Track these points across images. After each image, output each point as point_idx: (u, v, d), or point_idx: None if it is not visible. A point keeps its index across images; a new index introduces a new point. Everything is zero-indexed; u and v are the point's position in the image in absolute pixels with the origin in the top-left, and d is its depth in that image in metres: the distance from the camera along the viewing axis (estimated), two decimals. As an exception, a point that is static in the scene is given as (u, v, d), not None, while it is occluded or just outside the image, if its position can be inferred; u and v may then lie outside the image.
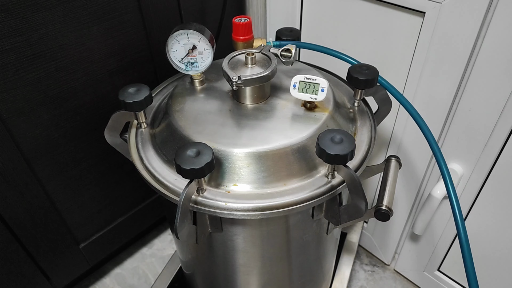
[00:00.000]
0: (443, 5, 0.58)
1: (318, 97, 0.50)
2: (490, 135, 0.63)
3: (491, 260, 0.76)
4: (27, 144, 0.57)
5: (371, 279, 1.00)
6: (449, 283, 0.88)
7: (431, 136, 0.53)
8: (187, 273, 0.77)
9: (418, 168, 0.78)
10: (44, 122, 0.58)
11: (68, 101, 0.59)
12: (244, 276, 0.61)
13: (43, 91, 0.56)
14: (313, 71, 0.62)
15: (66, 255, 0.72)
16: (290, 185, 0.48)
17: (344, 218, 0.50)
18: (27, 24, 0.50)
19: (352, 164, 0.51)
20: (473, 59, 0.60)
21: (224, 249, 0.57)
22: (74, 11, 0.55)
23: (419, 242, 0.89)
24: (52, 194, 0.64)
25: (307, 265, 0.65)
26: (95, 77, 0.62)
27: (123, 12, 0.61)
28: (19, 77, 0.52)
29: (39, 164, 0.60)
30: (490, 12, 0.54)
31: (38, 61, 0.53)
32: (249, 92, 0.53)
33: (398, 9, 0.65)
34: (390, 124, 0.78)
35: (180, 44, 0.54)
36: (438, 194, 0.71)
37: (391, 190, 0.53)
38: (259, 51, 0.54)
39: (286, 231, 0.55)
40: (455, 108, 0.66)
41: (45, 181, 0.62)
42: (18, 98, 0.53)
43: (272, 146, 0.48)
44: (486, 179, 0.68)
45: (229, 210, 0.46)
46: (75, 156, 0.65)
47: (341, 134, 0.44)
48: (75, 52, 0.57)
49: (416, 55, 0.66)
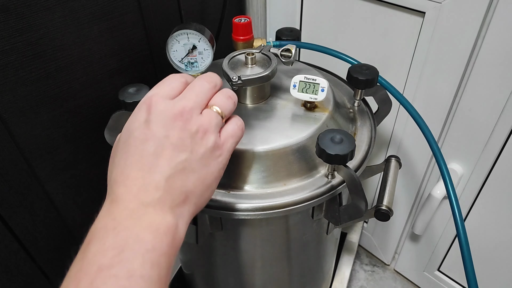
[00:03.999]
0: (443, 5, 0.58)
1: (318, 97, 0.50)
2: (490, 135, 0.63)
3: (491, 260, 0.76)
4: (27, 144, 0.57)
5: (371, 279, 1.00)
6: (449, 283, 0.88)
7: (431, 136, 0.53)
8: (187, 273, 0.77)
9: (418, 168, 0.78)
10: (44, 122, 0.58)
11: (68, 101, 0.59)
12: (244, 276, 0.61)
13: (43, 91, 0.56)
14: (313, 71, 0.62)
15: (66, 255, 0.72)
16: (290, 185, 0.48)
17: (344, 218, 0.50)
18: (27, 24, 0.50)
19: (352, 164, 0.51)
20: (473, 59, 0.60)
21: (224, 249, 0.57)
22: (74, 11, 0.54)
23: (419, 242, 0.89)
24: (52, 194, 0.64)
25: (307, 265, 0.65)
26: (95, 77, 0.62)
27: (123, 12, 0.61)
28: (19, 77, 0.52)
29: (39, 164, 0.60)
30: (490, 12, 0.54)
31: (38, 61, 0.53)
32: (249, 92, 0.53)
33: (398, 9, 0.65)
34: (390, 124, 0.78)
35: (180, 44, 0.54)
36: (438, 194, 0.71)
37: (391, 190, 0.53)
38: (259, 51, 0.54)
39: (286, 231, 0.55)
40: (455, 108, 0.66)
41: (45, 181, 0.62)
42: (18, 98, 0.53)
43: (272, 146, 0.48)
44: (486, 179, 0.68)
45: (229, 210, 0.46)
46: (75, 156, 0.65)
47: (341, 134, 0.44)
48: (75, 52, 0.57)
49: (416, 55, 0.66)
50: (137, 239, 0.28)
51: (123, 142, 0.34)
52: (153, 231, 0.29)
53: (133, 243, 0.28)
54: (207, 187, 0.35)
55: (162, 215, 0.31)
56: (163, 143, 0.32)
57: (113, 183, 0.32)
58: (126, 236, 0.28)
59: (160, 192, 0.31)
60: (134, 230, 0.29)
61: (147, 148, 0.32)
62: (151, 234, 0.29)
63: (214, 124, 0.35)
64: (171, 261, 0.30)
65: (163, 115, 0.33)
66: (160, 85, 0.36)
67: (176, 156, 0.32)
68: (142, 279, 0.27)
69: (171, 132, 0.32)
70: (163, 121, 0.33)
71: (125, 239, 0.28)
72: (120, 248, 0.28)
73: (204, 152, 0.34)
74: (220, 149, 0.35)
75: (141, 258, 0.28)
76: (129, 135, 0.33)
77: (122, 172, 0.32)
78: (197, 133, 0.33)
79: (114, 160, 0.34)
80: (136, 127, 0.33)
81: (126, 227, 0.29)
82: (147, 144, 0.32)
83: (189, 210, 0.33)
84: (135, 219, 0.29)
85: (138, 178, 0.31)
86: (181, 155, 0.32)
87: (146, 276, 0.27)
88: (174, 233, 0.31)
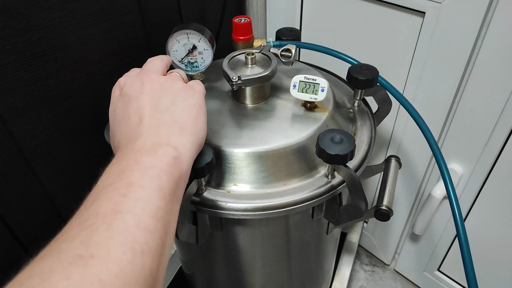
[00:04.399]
0: (443, 5, 0.58)
1: (318, 97, 0.50)
2: (490, 135, 0.63)
3: (491, 260, 0.76)
4: (27, 144, 0.57)
5: (371, 279, 1.00)
6: (449, 283, 0.88)
7: (431, 136, 0.53)
8: (187, 273, 0.77)
9: (418, 168, 0.78)
10: (44, 122, 0.58)
11: (68, 101, 0.59)
12: (244, 276, 0.61)
13: (43, 91, 0.56)
14: (313, 71, 0.62)
15: (66, 255, 0.72)
16: (290, 185, 0.48)
17: (344, 218, 0.50)
18: (27, 24, 0.50)
19: (352, 164, 0.50)
20: (473, 59, 0.60)
21: (224, 249, 0.57)
22: (74, 11, 0.55)
23: (419, 242, 0.89)
24: (52, 194, 0.64)
25: (307, 265, 0.65)
26: (95, 77, 0.62)
27: (123, 12, 0.61)
28: (19, 77, 0.52)
29: (39, 164, 0.60)
30: (490, 12, 0.54)
31: (38, 61, 0.53)
32: (249, 92, 0.53)
33: (398, 9, 0.65)
34: (390, 124, 0.78)
35: (180, 44, 0.54)
36: (438, 194, 0.71)
37: (391, 190, 0.53)
38: (259, 51, 0.54)
39: (286, 231, 0.55)
40: (455, 108, 0.66)
41: (45, 181, 0.62)
42: (18, 98, 0.53)
43: (272, 146, 0.48)
44: (486, 179, 0.68)
45: (229, 210, 0.46)
46: (75, 156, 0.65)
47: (341, 134, 0.44)
48: (75, 52, 0.57)
49: (416, 55, 0.66)
50: (136, 162, 0.31)
51: (112, 117, 0.39)
52: (151, 154, 0.32)
53: (133, 165, 0.31)
54: (195, 117, 0.38)
55: (159, 144, 0.33)
56: (142, 97, 0.37)
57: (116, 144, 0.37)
58: (127, 163, 0.31)
59: (153, 129, 0.35)
60: (133, 157, 0.32)
61: (131, 107, 0.37)
62: (150, 157, 0.32)
63: (176, 77, 0.41)
64: (174, 181, 0.32)
65: (133, 81, 0.39)
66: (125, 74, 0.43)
67: (156, 101, 0.37)
68: (141, 188, 0.29)
69: (144, 88, 0.38)
70: (134, 85, 0.38)
71: (125, 164, 0.31)
72: (121, 171, 0.31)
73: (178, 91, 0.39)
74: (192, 88, 0.40)
75: (139, 173, 0.30)
76: (114, 110, 0.39)
77: (120, 132, 0.36)
78: (166, 82, 0.39)
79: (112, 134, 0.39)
80: (116, 101, 0.39)
81: (127, 157, 0.32)
82: (130, 104, 0.37)
83: (189, 139, 0.36)
84: (135, 152, 0.33)
85: (132, 128, 0.35)
86: (160, 99, 0.37)
87: (145, 185, 0.29)
88: (176, 157, 0.33)
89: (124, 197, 0.28)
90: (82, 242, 0.25)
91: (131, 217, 0.27)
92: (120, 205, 0.27)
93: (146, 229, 0.27)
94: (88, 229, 0.26)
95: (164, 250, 0.28)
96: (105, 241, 0.25)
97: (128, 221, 0.27)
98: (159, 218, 0.28)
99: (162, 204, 0.29)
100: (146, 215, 0.28)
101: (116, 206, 0.27)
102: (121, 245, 0.25)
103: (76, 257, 0.24)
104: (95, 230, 0.25)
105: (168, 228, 0.30)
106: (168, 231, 0.30)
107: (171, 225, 0.31)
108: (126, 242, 0.25)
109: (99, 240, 0.25)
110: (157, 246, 0.27)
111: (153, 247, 0.27)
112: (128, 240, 0.26)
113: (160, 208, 0.29)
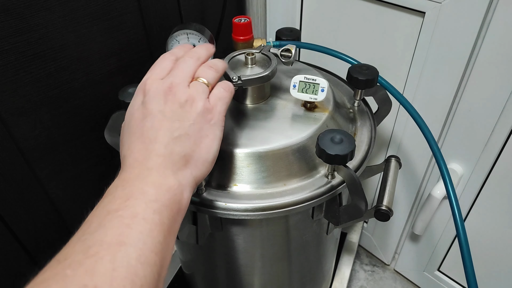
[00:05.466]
0: (443, 5, 0.58)
1: (318, 97, 0.50)
2: (490, 135, 0.63)
3: (491, 260, 0.76)
4: (27, 144, 0.57)
5: (371, 279, 1.00)
6: (449, 283, 0.88)
7: (431, 136, 0.53)
8: (187, 273, 0.77)
9: (418, 168, 0.78)
10: (44, 122, 0.58)
11: (68, 101, 0.59)
12: (244, 276, 0.61)
13: (43, 91, 0.56)
14: (313, 71, 0.62)
15: (66, 255, 0.72)
16: (290, 185, 0.48)
17: (344, 218, 0.50)
18: (27, 24, 0.50)
19: (352, 164, 0.50)
20: (473, 59, 0.60)
21: (224, 249, 0.57)
22: (74, 11, 0.54)
23: (419, 242, 0.89)
24: (52, 194, 0.64)
25: (307, 265, 0.65)
26: (95, 77, 0.62)
27: (123, 12, 0.61)
28: (19, 77, 0.52)
29: (39, 164, 0.60)
30: (490, 12, 0.54)
31: (38, 61, 0.53)
32: (249, 92, 0.53)
33: (398, 9, 0.65)
34: (390, 124, 0.78)
35: (180, 44, 0.54)
36: (438, 194, 0.71)
37: (391, 190, 0.53)
38: (259, 51, 0.54)
39: (286, 231, 0.55)
40: (455, 108, 0.66)
41: (45, 181, 0.62)
42: (18, 98, 0.53)
43: (272, 146, 0.48)
44: (486, 179, 0.68)
45: (229, 210, 0.46)
46: (75, 156, 0.65)
47: (341, 134, 0.44)
48: (75, 52, 0.57)
49: (416, 55, 0.66)
50: (142, 191, 0.33)
51: (127, 125, 0.39)
52: (156, 187, 0.33)
53: (138, 194, 0.32)
54: (206, 150, 0.38)
55: (164, 177, 0.35)
56: (159, 117, 0.37)
57: (123, 158, 0.37)
58: (132, 190, 0.33)
59: (161, 158, 0.35)
60: (139, 186, 0.33)
61: (146, 124, 0.37)
62: (154, 189, 0.33)
63: (200, 92, 0.39)
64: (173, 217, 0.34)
65: (156, 94, 0.38)
66: (152, 68, 0.41)
67: (171, 126, 0.36)
68: (144, 220, 0.31)
69: (164, 107, 0.37)
70: (156, 99, 0.37)
71: (131, 191, 0.33)
72: (126, 197, 0.32)
73: (196, 117, 0.38)
74: (211, 112, 0.39)
75: (144, 204, 0.32)
76: (131, 117, 0.38)
77: (129, 147, 0.37)
78: (186, 102, 0.38)
79: (122, 141, 0.39)
80: (136, 109, 0.38)
81: (133, 184, 0.33)
82: (146, 120, 0.37)
83: (192, 173, 0.37)
84: (141, 179, 0.34)
85: (142, 150, 0.36)
86: (175, 124, 0.37)
87: (148, 218, 0.31)
88: (177, 193, 0.35)
89: (128, 228, 0.30)
90: (87, 271, 0.26)
91: (133, 250, 0.28)
92: (124, 236, 0.29)
93: (146, 263, 0.29)
94: (93, 258, 0.27)
95: (159, 283, 0.30)
96: (109, 273, 0.27)
97: (131, 254, 0.28)
98: (157, 252, 0.30)
99: (161, 239, 0.31)
100: (147, 248, 0.29)
101: (121, 237, 0.29)
102: (123, 279, 0.27)
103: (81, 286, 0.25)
104: (100, 259, 0.27)
105: (164, 261, 0.31)
106: (163, 264, 0.31)
107: (167, 259, 0.32)
108: (127, 275, 0.27)
109: (103, 271, 0.26)
110: (153, 280, 0.29)
111: (151, 281, 0.29)
112: (130, 273, 0.27)
113: (159, 242, 0.31)
